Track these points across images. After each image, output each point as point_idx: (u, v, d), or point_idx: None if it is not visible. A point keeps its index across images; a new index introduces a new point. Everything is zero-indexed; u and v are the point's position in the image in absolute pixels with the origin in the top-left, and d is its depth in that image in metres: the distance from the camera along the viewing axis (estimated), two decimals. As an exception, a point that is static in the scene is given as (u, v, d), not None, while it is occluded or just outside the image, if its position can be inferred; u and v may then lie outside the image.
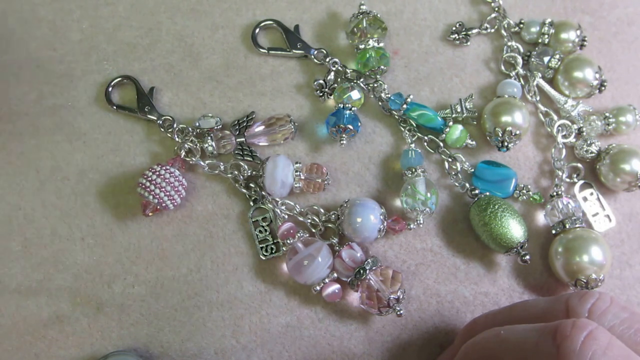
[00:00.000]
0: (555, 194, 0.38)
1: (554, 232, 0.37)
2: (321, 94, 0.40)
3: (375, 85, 0.40)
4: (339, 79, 0.40)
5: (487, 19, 0.42)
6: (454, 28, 0.41)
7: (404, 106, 0.38)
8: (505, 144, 0.37)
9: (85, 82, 0.41)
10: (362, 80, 0.40)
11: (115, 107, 0.40)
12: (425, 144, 0.39)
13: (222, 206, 0.38)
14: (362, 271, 0.34)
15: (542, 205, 0.38)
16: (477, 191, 0.37)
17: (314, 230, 0.38)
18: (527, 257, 0.36)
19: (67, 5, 0.42)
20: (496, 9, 0.42)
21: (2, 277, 0.37)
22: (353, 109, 0.38)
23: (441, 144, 0.39)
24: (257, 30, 0.41)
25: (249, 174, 0.38)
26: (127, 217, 0.38)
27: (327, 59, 0.40)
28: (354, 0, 0.42)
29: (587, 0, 0.43)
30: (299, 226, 0.37)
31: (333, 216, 0.37)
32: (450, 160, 0.38)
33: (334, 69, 0.40)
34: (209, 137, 0.38)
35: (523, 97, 0.40)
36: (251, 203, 0.38)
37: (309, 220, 0.38)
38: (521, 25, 0.41)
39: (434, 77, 0.41)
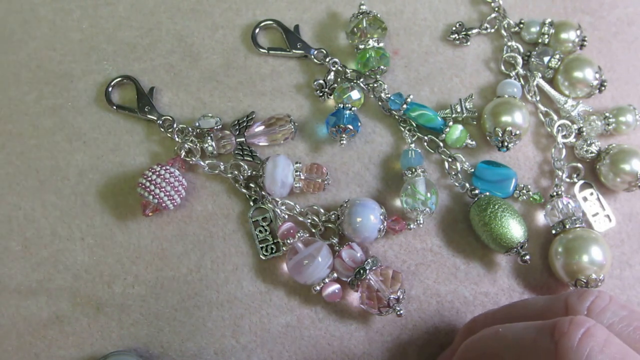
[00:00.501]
0: (555, 194, 0.38)
1: (554, 232, 0.37)
2: (321, 94, 0.40)
3: (375, 85, 0.40)
4: (339, 79, 0.40)
5: (487, 19, 0.42)
6: (454, 28, 0.41)
7: (404, 106, 0.38)
8: (505, 144, 0.37)
9: (85, 82, 0.41)
10: (362, 80, 0.40)
11: (115, 107, 0.40)
12: (425, 144, 0.39)
13: (222, 206, 0.38)
14: (362, 271, 0.34)
15: (542, 205, 0.38)
16: (477, 191, 0.37)
17: (314, 230, 0.38)
18: (527, 257, 0.36)
19: (67, 5, 0.42)
20: (496, 9, 0.42)
21: (2, 277, 0.37)
22: (353, 109, 0.38)
23: (441, 144, 0.39)
24: (257, 30, 0.41)
25: (249, 174, 0.38)
26: (127, 217, 0.38)
27: (327, 59, 0.40)
28: (354, 0, 0.42)
29: (587, 0, 0.43)
30: (299, 226, 0.37)
31: (333, 216, 0.37)
32: (450, 160, 0.38)
33: (334, 69, 0.40)
34: (209, 137, 0.38)
35: (523, 97, 0.40)
36: (251, 203, 0.38)
37: (309, 220, 0.38)
38: (521, 25, 0.41)
39: (434, 77, 0.41)
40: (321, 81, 0.40)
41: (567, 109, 0.40)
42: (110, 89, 0.40)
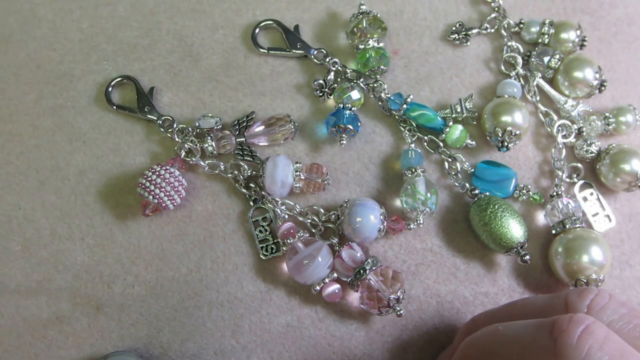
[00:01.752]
0: (555, 194, 0.38)
1: (554, 232, 0.37)
2: (321, 94, 0.40)
3: (375, 85, 0.40)
4: (339, 79, 0.40)
5: (487, 19, 0.42)
6: (454, 28, 0.41)
7: (404, 106, 0.38)
8: (505, 144, 0.37)
9: (85, 82, 0.41)
10: (362, 80, 0.40)
11: (115, 107, 0.40)
12: (425, 144, 0.39)
13: (222, 206, 0.38)
14: (362, 271, 0.34)
15: (542, 205, 0.38)
16: (477, 191, 0.37)
17: (314, 230, 0.38)
18: (527, 257, 0.36)
19: (67, 5, 0.42)
20: (496, 9, 0.42)
21: (2, 277, 0.37)
22: (353, 109, 0.38)
23: (441, 144, 0.39)
24: (257, 30, 0.41)
25: (249, 174, 0.38)
26: (127, 217, 0.38)
27: (327, 59, 0.40)
28: (354, 0, 0.42)
29: (587, 0, 0.43)
30: (299, 226, 0.37)
31: (333, 216, 0.37)
32: (450, 160, 0.38)
33: (333, 69, 0.40)
34: (209, 137, 0.38)
35: (523, 97, 0.40)
36: (251, 203, 0.38)
37: (309, 220, 0.38)
38: (521, 25, 0.41)
39: (434, 77, 0.41)
40: (321, 81, 0.40)
41: (567, 109, 0.39)
42: (110, 89, 0.40)
